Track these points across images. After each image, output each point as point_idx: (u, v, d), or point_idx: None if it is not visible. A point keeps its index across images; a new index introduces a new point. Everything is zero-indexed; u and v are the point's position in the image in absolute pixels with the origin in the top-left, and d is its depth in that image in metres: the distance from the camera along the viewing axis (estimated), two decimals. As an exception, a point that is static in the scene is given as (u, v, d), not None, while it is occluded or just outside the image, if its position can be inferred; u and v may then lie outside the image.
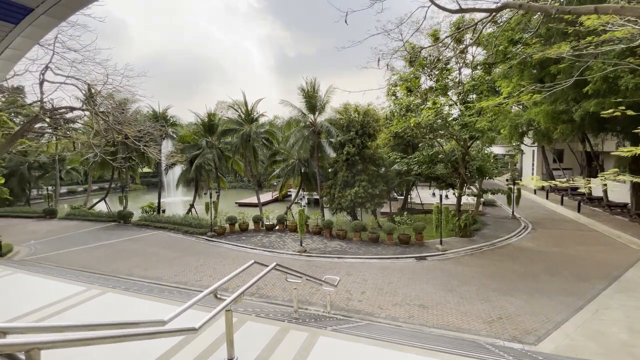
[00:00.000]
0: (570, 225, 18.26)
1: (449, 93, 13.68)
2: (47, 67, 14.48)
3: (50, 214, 25.10)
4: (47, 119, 17.79)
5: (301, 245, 14.48)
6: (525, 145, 28.10)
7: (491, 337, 7.48)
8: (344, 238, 16.23)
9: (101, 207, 29.52)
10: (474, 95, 13.26)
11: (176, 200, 37.64)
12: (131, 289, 6.52)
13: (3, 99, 27.00)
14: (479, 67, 13.33)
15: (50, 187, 33.63)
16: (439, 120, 15.86)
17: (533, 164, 31.24)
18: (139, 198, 42.15)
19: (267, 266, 4.39)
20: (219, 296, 3.72)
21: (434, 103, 11.56)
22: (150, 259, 13.96)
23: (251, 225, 18.79)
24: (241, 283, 11.08)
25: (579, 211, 20.08)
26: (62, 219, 24.59)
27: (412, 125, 12.44)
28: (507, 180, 34.89)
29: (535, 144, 29.58)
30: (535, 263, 12.29)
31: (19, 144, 22.59)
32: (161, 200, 26.78)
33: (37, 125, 24.90)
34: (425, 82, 15.77)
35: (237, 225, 18.38)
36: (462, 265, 12.30)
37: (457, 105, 11.83)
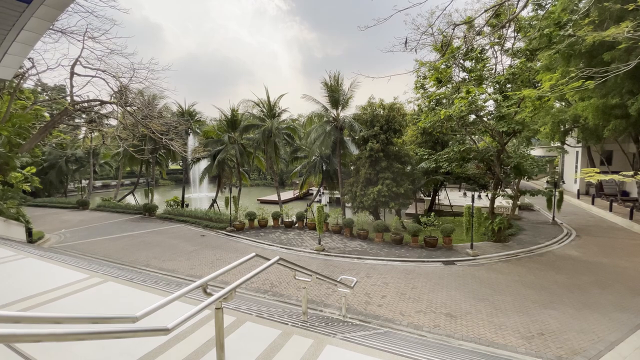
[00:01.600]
0: (621, 233, 16.33)
1: (484, 85, 12.51)
2: (77, 61, 14.92)
3: (83, 205, 26.25)
4: (79, 112, 18.46)
5: (319, 243, 13.87)
6: (568, 145, 25.77)
7: (531, 356, 6.48)
8: (365, 238, 15.43)
9: (132, 200, 30.61)
10: (511, 87, 11.99)
11: (201, 196, 38.39)
12: (136, 279, 6.20)
13: (47, 97, 28.64)
14: (519, 55, 12.05)
15: (85, 180, 35.46)
16: (472, 115, 14.70)
17: (576, 166, 28.66)
18: (167, 193, 43.58)
19: (269, 260, 3.83)
20: (208, 291, 3.17)
21: (468, 92, 10.50)
22: (169, 251, 13.93)
23: (270, 222, 18.46)
24: (252, 279, 10.62)
25: (631, 218, 17.95)
26: (93, 210, 25.61)
27: (442, 117, 11.42)
28: (547, 182, 32.39)
29: (580, 144, 27.14)
30: (582, 274, 10.90)
31: (56, 136, 23.79)
32: (187, 195, 27.30)
33: (76, 121, 26.19)
34: (458, 75, 14.68)
35: (256, 221, 18.11)
36: (496, 272, 11.15)
37: (493, 95, 10.62)
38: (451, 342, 6.98)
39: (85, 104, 16.03)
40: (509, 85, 11.56)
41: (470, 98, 10.34)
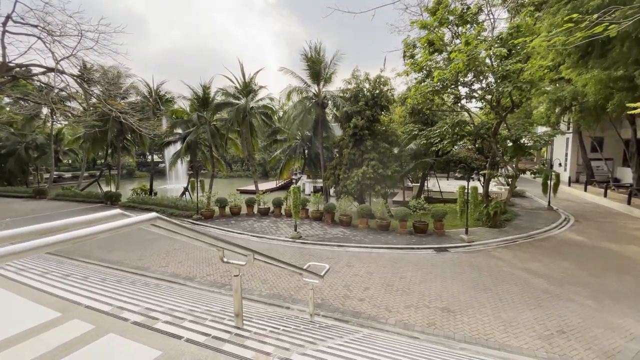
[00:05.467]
0: (620, 218, 15.26)
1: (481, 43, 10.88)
2: (8, 18, 12.57)
3: (39, 194, 23.73)
4: (18, 79, 16.03)
5: (295, 230, 12.15)
6: (560, 130, 24.80)
7: (556, 362, 4.98)
8: (348, 225, 13.81)
9: (98, 189, 28.09)
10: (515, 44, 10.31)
11: (177, 187, 36.09)
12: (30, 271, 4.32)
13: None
14: (522, 9, 10.50)
15: (55, 170, 32.58)
16: (466, 89, 13.17)
17: (567, 153, 27.81)
18: (143, 184, 40.95)
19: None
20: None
21: (467, 43, 8.88)
22: (119, 241, 11.93)
23: (244, 210, 16.61)
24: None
25: (629, 203, 16.97)
26: (51, 199, 23.11)
27: (435, 81, 9.83)
28: (543, 164, 31.65)
29: (570, 131, 26.24)
30: (591, 260, 9.58)
31: (4, 114, 21.17)
32: (163, 186, 24.94)
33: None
34: (451, 41, 13.08)
35: (227, 209, 16.22)
36: (496, 259, 9.71)
37: (497, 49, 9.01)
38: (452, 345, 5.41)
39: (23, 69, 13.71)
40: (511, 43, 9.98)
41: (468, 52, 8.74)
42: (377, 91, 15.39)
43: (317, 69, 16.13)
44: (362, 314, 6.44)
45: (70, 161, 47.55)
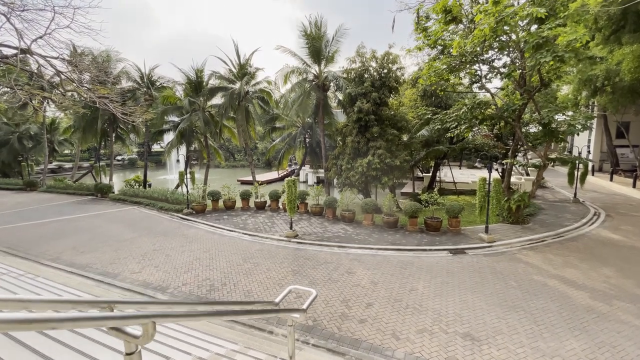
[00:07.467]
0: (658, 212, 13.61)
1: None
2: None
3: (30, 186, 22.87)
4: None
5: (291, 228, 10.83)
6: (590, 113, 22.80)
7: None
8: (351, 221, 12.46)
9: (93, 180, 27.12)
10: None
11: (177, 178, 35.15)
12: None
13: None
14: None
15: (53, 160, 31.74)
16: (485, 68, 11.49)
17: (589, 140, 25.82)
18: (137, 174, 40.03)
19: None
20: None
21: (496, 2, 7.21)
22: (97, 240, 10.82)
23: (239, 203, 15.37)
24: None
25: (663, 195, 15.29)
26: (42, 191, 22.22)
27: (455, 52, 8.25)
28: (569, 151, 29.79)
29: (596, 113, 24.20)
30: (635, 265, 8.10)
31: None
32: (164, 177, 23.79)
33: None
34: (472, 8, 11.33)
35: (221, 202, 15.00)
36: (523, 264, 8.29)
37: (532, 9, 7.26)
38: (481, 396, 4.08)
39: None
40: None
41: (497, 14, 7.07)
42: (385, 70, 13.76)
43: (317, 46, 14.40)
44: (362, 343, 5.14)
45: (73, 151, 46.86)
